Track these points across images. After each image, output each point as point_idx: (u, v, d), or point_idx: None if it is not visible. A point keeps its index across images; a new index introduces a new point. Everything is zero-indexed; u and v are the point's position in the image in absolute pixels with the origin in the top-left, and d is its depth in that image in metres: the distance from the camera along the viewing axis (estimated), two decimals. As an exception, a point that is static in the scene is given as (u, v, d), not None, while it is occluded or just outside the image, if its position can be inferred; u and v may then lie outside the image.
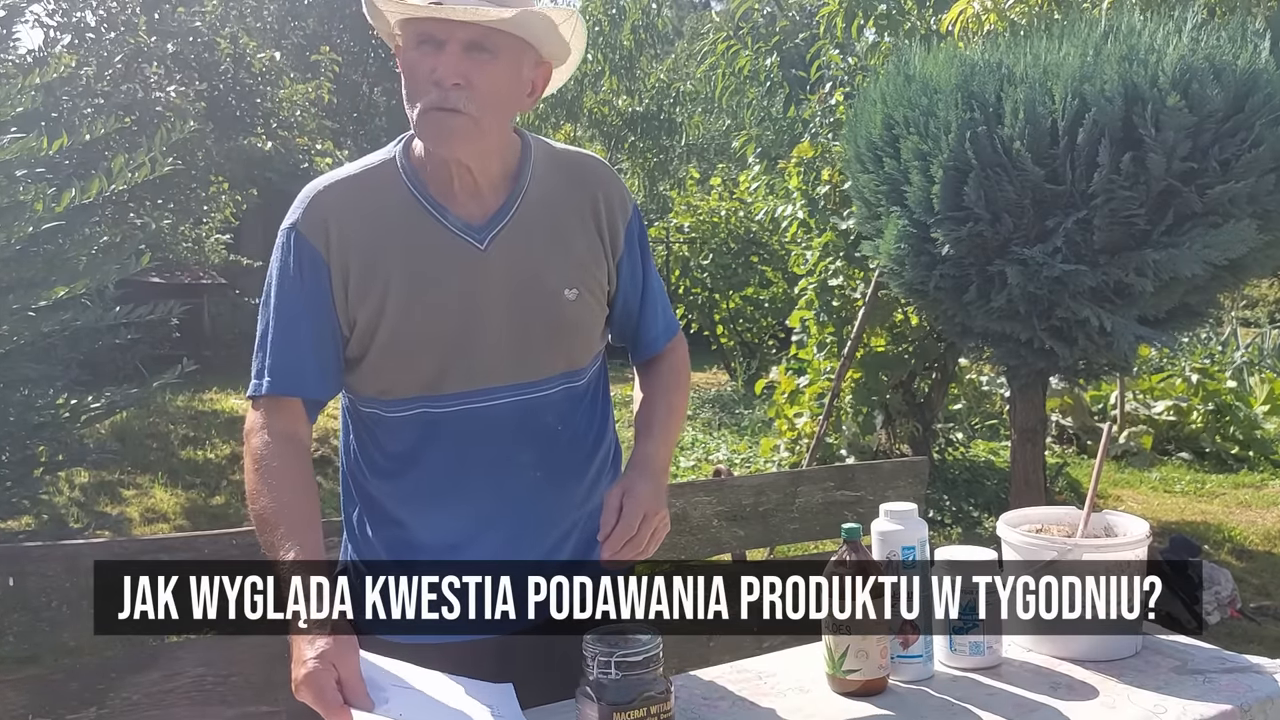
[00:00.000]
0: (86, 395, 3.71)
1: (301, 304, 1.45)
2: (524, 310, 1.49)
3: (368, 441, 1.54)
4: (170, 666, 1.99)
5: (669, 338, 1.69)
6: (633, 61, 13.23)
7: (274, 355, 1.46)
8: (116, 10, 6.58)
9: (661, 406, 1.62)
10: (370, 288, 1.44)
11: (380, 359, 1.47)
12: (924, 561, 1.51)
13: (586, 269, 1.54)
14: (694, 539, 2.51)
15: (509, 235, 1.49)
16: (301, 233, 1.45)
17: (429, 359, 1.46)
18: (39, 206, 3.17)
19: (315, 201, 1.46)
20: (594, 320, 1.57)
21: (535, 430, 1.51)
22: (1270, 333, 10.43)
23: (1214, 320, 4.73)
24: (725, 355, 11.26)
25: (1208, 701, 1.41)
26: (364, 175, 1.49)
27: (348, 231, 1.45)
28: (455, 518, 1.51)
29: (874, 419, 5.83)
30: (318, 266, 1.44)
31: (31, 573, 1.88)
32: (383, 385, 1.49)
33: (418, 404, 1.48)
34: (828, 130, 5.76)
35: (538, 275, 1.50)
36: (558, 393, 1.53)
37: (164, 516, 5.69)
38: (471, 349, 1.47)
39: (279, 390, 1.45)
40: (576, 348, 1.55)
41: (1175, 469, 6.90)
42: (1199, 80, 3.17)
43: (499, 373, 1.48)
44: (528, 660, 1.58)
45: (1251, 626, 4.18)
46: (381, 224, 1.46)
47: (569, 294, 1.51)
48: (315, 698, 1.26)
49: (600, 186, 1.57)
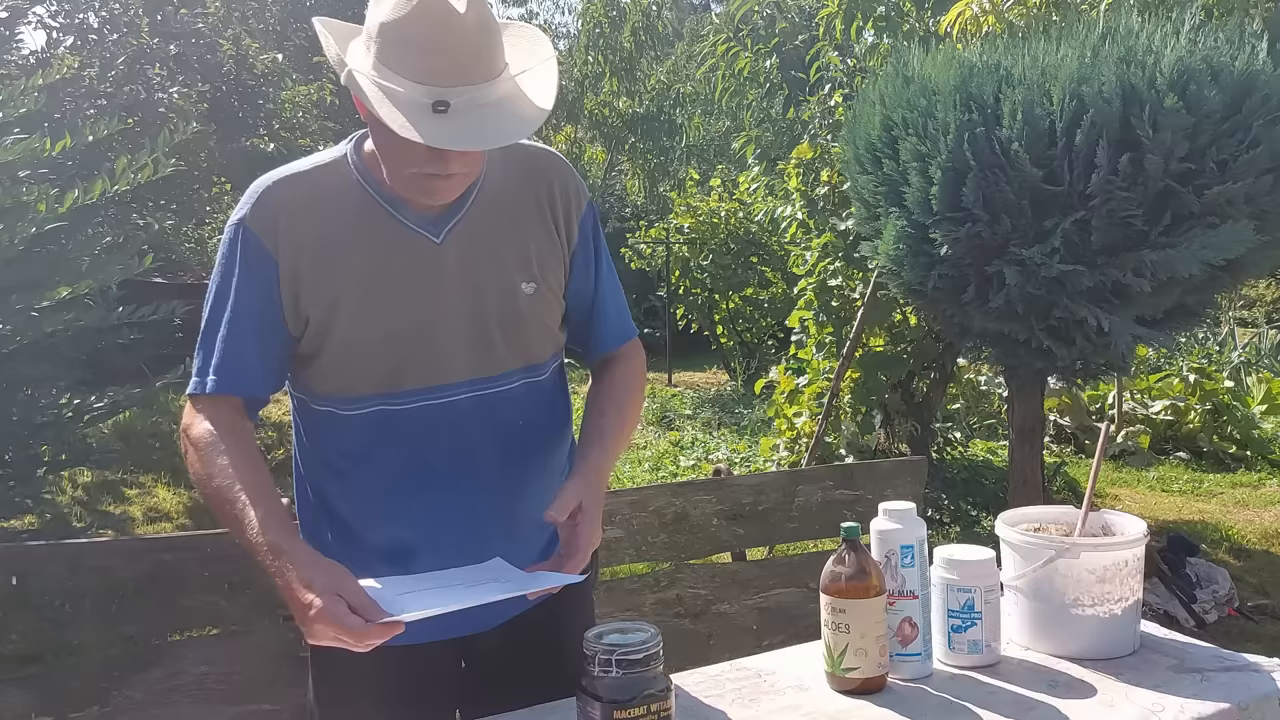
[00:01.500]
0: (89, 395, 3.72)
1: (248, 300, 1.42)
2: (482, 305, 1.47)
3: (322, 441, 1.51)
4: (173, 665, 2.00)
5: (623, 340, 1.66)
6: (633, 63, 13.25)
7: (218, 353, 1.43)
8: (119, 12, 6.58)
9: (615, 415, 1.58)
10: (323, 284, 1.42)
11: (336, 356, 1.45)
12: (923, 560, 1.52)
13: (543, 262, 1.52)
14: (694, 538, 2.52)
15: (465, 229, 1.47)
16: (250, 227, 1.42)
17: (386, 356, 1.44)
18: (42, 207, 3.18)
19: (264, 196, 1.43)
20: (552, 314, 1.56)
21: (495, 424, 1.49)
22: (1267, 333, 10.44)
23: (1211, 320, 4.74)
24: (725, 355, 11.26)
25: (1205, 700, 1.42)
26: (315, 171, 1.47)
27: (298, 227, 1.42)
28: (414, 516, 1.49)
29: (873, 418, 5.83)
30: (265, 262, 1.42)
31: (35, 572, 1.90)
32: (339, 383, 1.46)
33: (375, 401, 1.46)
34: (827, 131, 5.77)
35: (495, 269, 1.48)
36: (519, 388, 1.52)
37: (167, 516, 5.69)
38: (429, 345, 1.45)
39: (221, 389, 1.43)
40: (535, 342, 1.54)
41: (1173, 468, 6.91)
42: (1197, 81, 3.18)
43: (457, 368, 1.47)
44: (493, 660, 1.58)
45: (1249, 625, 4.19)
46: (334, 220, 1.43)
47: (526, 288, 1.50)
48: (335, 630, 1.24)
49: (555, 177, 1.55)
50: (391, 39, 1.30)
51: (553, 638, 1.58)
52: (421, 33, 1.29)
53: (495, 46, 1.35)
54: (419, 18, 1.28)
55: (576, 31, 14.60)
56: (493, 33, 1.34)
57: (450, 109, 1.29)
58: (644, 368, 1.69)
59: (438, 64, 1.29)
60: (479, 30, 1.31)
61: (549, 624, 1.59)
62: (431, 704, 1.57)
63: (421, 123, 1.28)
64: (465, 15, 1.29)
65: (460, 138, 1.31)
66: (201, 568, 2.00)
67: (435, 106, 1.29)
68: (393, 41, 1.30)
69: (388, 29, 1.30)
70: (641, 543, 2.46)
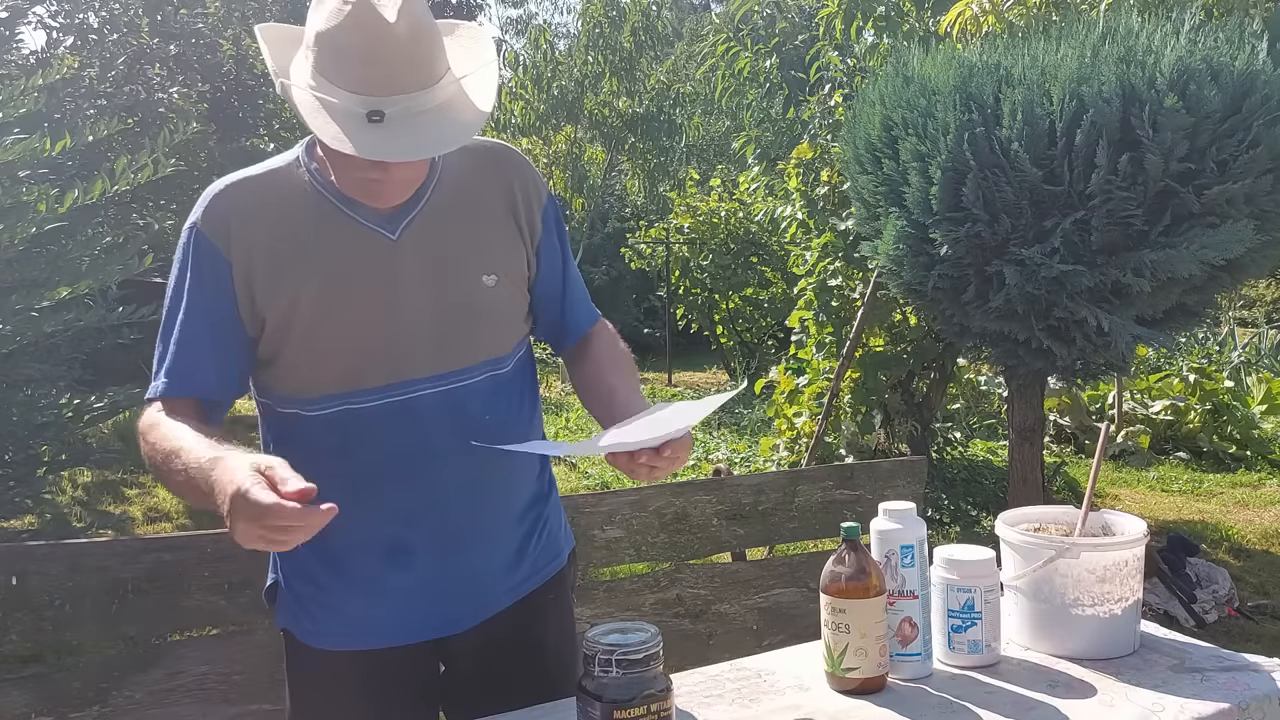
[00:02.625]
0: (89, 395, 3.71)
1: (203, 303, 1.43)
2: (442, 298, 1.47)
3: (288, 444, 1.50)
4: (173, 665, 2.00)
5: (592, 321, 1.69)
6: (633, 63, 13.23)
7: (174, 355, 1.43)
8: (119, 12, 6.58)
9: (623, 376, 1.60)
10: (279, 286, 1.42)
11: (296, 357, 1.44)
12: (923, 560, 1.52)
13: (504, 255, 1.52)
14: (694, 538, 2.52)
15: (421, 224, 1.47)
16: (203, 231, 1.42)
17: (347, 354, 1.44)
18: (42, 207, 3.17)
19: (216, 200, 1.44)
20: (514, 306, 1.56)
21: (462, 420, 1.48)
22: (1267, 333, 10.44)
23: (1211, 320, 4.73)
24: (725, 355, 11.27)
25: (1205, 700, 1.42)
26: (266, 175, 1.47)
27: (251, 229, 1.42)
28: (385, 517, 1.48)
29: (873, 418, 5.84)
30: (218, 265, 1.42)
31: (34, 572, 1.90)
32: (300, 384, 1.46)
33: (338, 401, 1.45)
34: (827, 131, 5.77)
35: (454, 262, 1.48)
36: (482, 381, 1.51)
37: (167, 516, 5.69)
38: (390, 341, 1.45)
39: (177, 391, 1.43)
40: (498, 334, 1.54)
41: (1173, 468, 6.91)
42: (1196, 81, 3.18)
43: (420, 364, 1.46)
44: (472, 661, 1.57)
45: (1249, 625, 4.19)
46: (287, 221, 1.43)
47: (487, 280, 1.50)
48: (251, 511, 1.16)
49: (514, 173, 1.55)
50: (327, 49, 1.31)
51: (531, 636, 1.58)
52: (354, 43, 1.29)
53: (432, 53, 1.35)
54: (351, 28, 1.29)
55: (576, 31, 14.60)
56: (428, 39, 1.34)
57: (385, 118, 1.30)
58: (616, 334, 1.71)
59: (371, 74, 1.30)
60: (412, 38, 1.31)
61: (527, 623, 1.58)
62: (411, 707, 1.56)
63: (356, 133, 1.29)
64: (396, 25, 1.29)
65: (394, 148, 1.31)
66: (201, 568, 2.00)
67: (370, 116, 1.30)
68: (328, 51, 1.31)
69: (323, 39, 1.31)
70: (641, 543, 2.46)
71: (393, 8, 1.29)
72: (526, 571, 1.59)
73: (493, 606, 1.56)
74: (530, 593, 1.59)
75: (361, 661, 1.50)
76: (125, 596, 1.94)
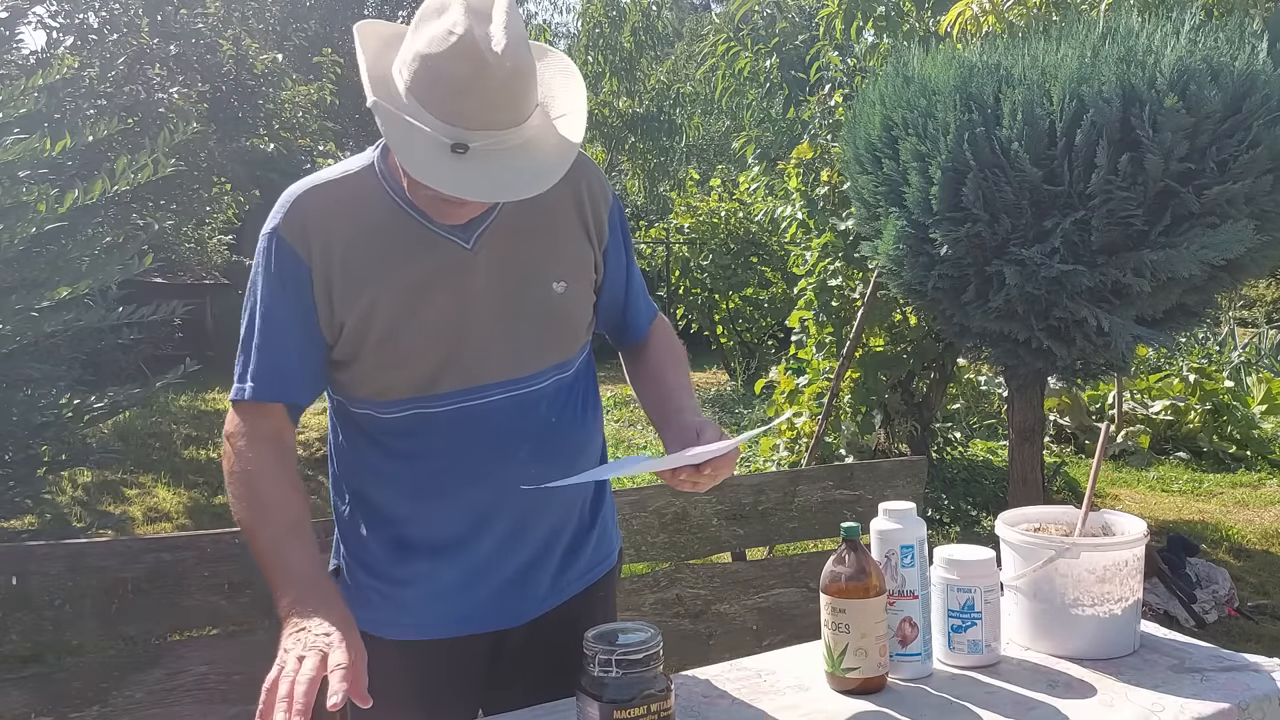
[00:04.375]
0: (89, 395, 3.71)
1: (284, 307, 1.44)
2: (514, 307, 1.48)
3: (361, 442, 1.53)
4: (173, 665, 2.00)
5: (653, 317, 1.73)
6: (633, 63, 13.25)
7: (258, 359, 1.44)
8: (119, 12, 6.58)
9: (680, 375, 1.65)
10: (357, 292, 1.43)
11: (373, 363, 1.46)
12: (923, 560, 1.52)
13: (574, 261, 1.54)
14: (694, 538, 2.52)
15: (495, 233, 1.48)
16: (283, 236, 1.43)
17: (422, 361, 1.45)
18: (42, 207, 3.17)
19: (296, 205, 1.44)
20: (582, 312, 1.57)
21: (530, 423, 1.50)
22: (1267, 333, 10.44)
23: (1211, 320, 4.73)
24: (725, 355, 11.27)
25: (1205, 700, 1.41)
26: (344, 180, 1.47)
27: (330, 234, 1.43)
28: (452, 514, 1.50)
29: (873, 418, 5.84)
30: (299, 270, 1.43)
31: (34, 572, 1.89)
32: (377, 388, 1.48)
33: (412, 405, 1.47)
34: (827, 131, 5.77)
35: (526, 271, 1.49)
36: (549, 385, 1.53)
37: (167, 516, 5.70)
38: (464, 348, 1.46)
39: (263, 396, 1.44)
40: (566, 339, 1.55)
41: (1173, 468, 6.91)
42: (1196, 81, 3.18)
43: (492, 370, 1.48)
44: (518, 656, 1.59)
45: (1249, 625, 4.19)
46: (364, 227, 1.44)
47: (558, 287, 1.51)
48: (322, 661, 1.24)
49: (582, 177, 1.56)
50: (424, 73, 1.28)
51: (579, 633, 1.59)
52: (454, 73, 1.26)
53: (528, 91, 1.32)
54: (454, 58, 1.26)
55: (576, 31, 14.61)
56: (527, 78, 1.31)
57: (469, 151, 1.28)
58: (673, 330, 1.76)
59: (465, 107, 1.27)
60: (513, 77, 1.28)
61: (577, 619, 1.59)
62: (455, 699, 1.58)
63: (437, 164, 1.27)
64: (501, 61, 1.26)
65: (472, 186, 1.30)
66: (201, 568, 2.00)
67: (454, 149, 1.27)
68: (426, 76, 1.28)
69: (423, 61, 1.28)
70: (641, 543, 2.46)
71: (500, 43, 1.26)
72: (583, 568, 1.62)
73: (549, 602, 1.58)
74: (584, 590, 1.62)
75: (414, 652, 1.51)
76: (125, 596, 1.94)
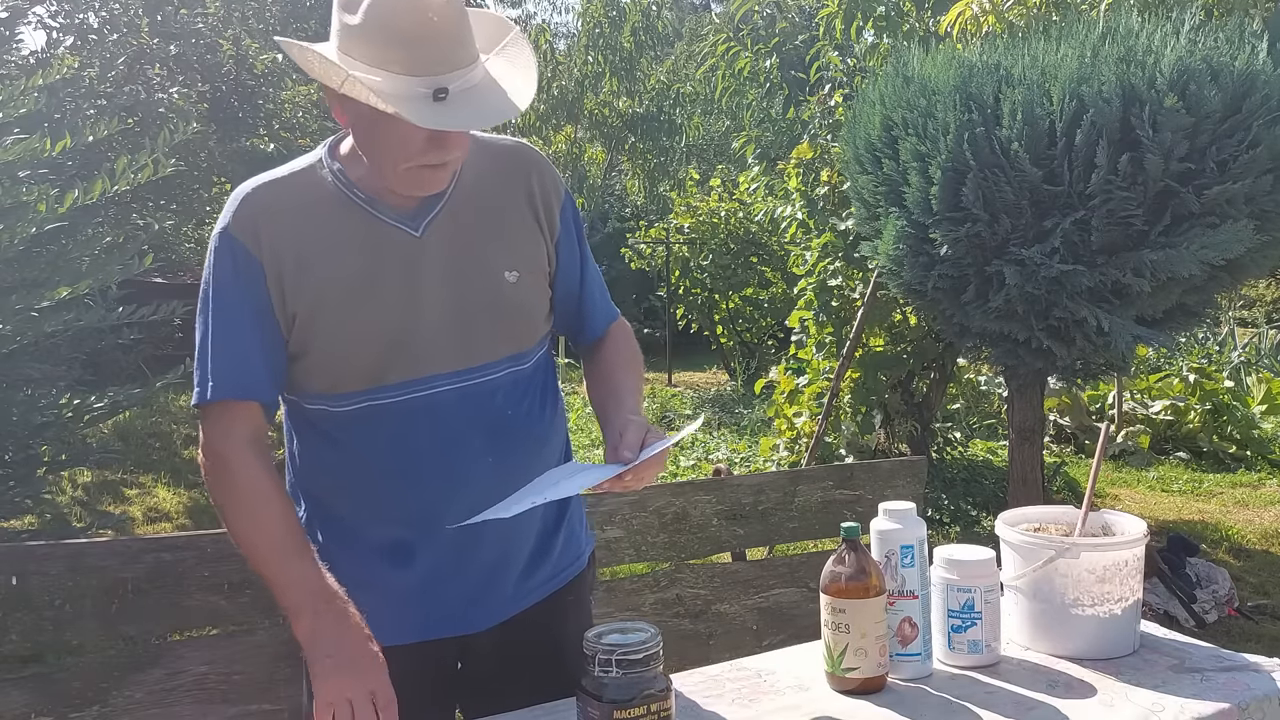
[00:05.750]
0: (89, 395, 3.71)
1: (241, 305, 1.44)
2: (465, 295, 1.49)
3: (315, 441, 1.53)
4: (172, 665, 1.99)
5: (611, 320, 1.71)
6: (633, 63, 13.24)
7: (219, 359, 1.44)
8: (119, 12, 6.58)
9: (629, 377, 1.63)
10: (305, 283, 1.44)
11: (322, 354, 1.46)
12: (923, 560, 1.52)
13: (525, 251, 1.54)
14: (693, 538, 2.52)
15: (444, 221, 1.48)
16: (233, 234, 1.44)
17: (371, 350, 1.46)
18: (42, 207, 3.17)
19: (245, 202, 1.46)
20: (537, 302, 1.57)
21: (483, 415, 1.50)
22: (1267, 333, 10.43)
23: (1211, 320, 4.74)
24: (725, 355, 11.27)
25: (1205, 700, 1.42)
26: (290, 177, 1.49)
27: (278, 229, 1.44)
28: (409, 511, 1.50)
29: (873, 418, 5.84)
30: (252, 265, 1.43)
31: (34, 572, 1.89)
32: (329, 381, 1.48)
33: (365, 397, 1.47)
34: (827, 131, 5.77)
35: (476, 259, 1.50)
36: (504, 377, 1.52)
37: (167, 516, 5.70)
38: (413, 337, 1.46)
39: (229, 393, 1.44)
40: (520, 331, 1.55)
41: (1173, 468, 6.91)
42: (1196, 81, 3.18)
43: (443, 360, 1.48)
44: (490, 660, 1.58)
45: (1249, 625, 4.19)
46: (312, 220, 1.46)
47: (510, 276, 1.51)
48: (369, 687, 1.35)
49: (533, 170, 1.57)
50: (376, 38, 1.32)
51: (550, 637, 1.58)
52: (407, 26, 1.31)
53: (470, 29, 1.38)
54: (403, 12, 1.31)
55: (576, 31, 14.60)
56: (466, 17, 1.38)
57: (449, 94, 1.32)
58: (632, 335, 1.74)
59: (429, 54, 1.32)
60: (458, 16, 1.34)
61: (546, 623, 1.59)
62: (428, 704, 1.57)
63: (428, 112, 1.31)
64: (443, 2, 1.32)
65: (467, 119, 1.34)
66: (201, 568, 1.99)
67: (436, 95, 1.32)
68: (378, 41, 1.32)
69: (369, 29, 1.32)
70: (641, 543, 2.45)
71: None
72: (549, 572, 1.61)
73: (514, 606, 1.57)
74: (551, 594, 1.61)
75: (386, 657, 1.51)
76: (125, 596, 1.94)
